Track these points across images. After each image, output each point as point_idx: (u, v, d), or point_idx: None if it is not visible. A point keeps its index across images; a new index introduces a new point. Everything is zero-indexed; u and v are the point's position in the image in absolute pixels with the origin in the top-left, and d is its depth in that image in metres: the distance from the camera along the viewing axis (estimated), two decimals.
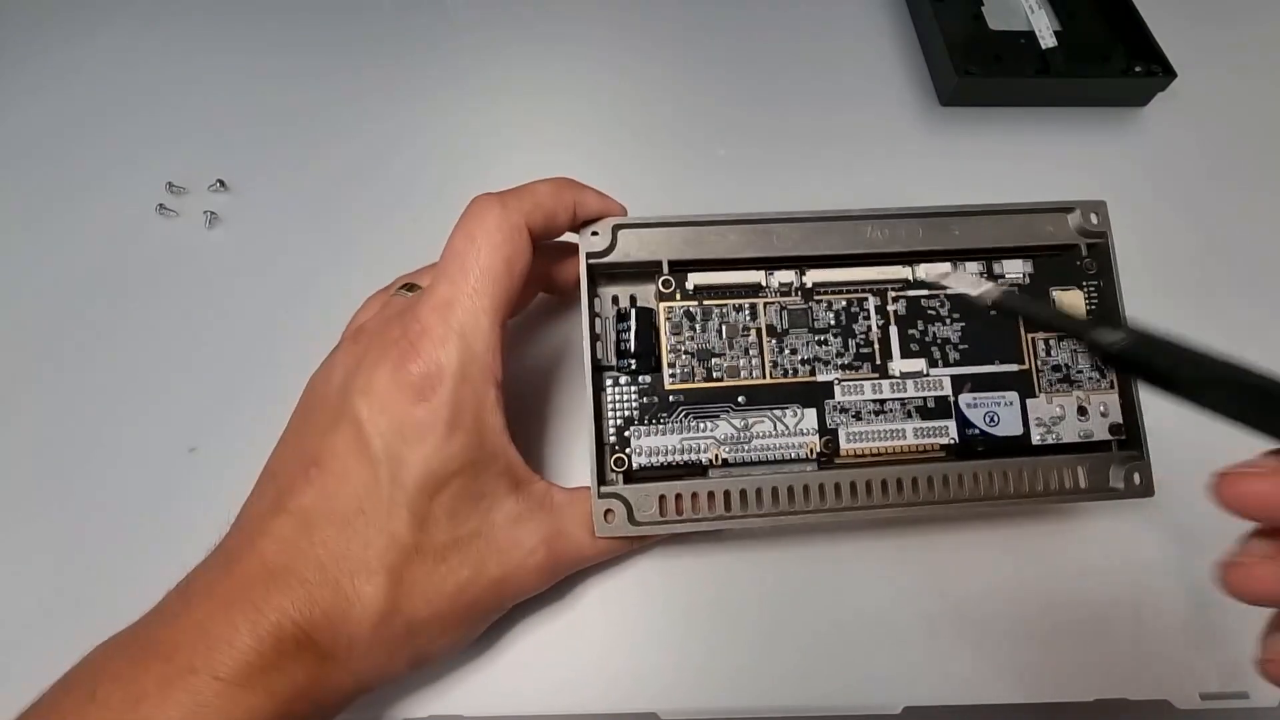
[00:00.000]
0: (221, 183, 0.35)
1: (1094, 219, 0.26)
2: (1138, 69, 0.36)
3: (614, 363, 0.24)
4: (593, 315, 0.24)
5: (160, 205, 0.34)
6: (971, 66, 0.35)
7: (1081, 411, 0.24)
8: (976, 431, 0.24)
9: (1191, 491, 0.26)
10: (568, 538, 0.23)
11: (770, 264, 0.25)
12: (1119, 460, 0.24)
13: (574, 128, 0.37)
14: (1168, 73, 0.35)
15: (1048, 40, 0.37)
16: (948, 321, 0.25)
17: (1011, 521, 0.26)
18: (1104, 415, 0.24)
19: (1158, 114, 0.37)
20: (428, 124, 0.37)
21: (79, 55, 0.41)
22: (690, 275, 0.24)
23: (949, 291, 0.25)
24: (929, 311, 0.25)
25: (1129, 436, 0.24)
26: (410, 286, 0.25)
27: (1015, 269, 0.26)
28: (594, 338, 0.24)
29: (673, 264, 0.24)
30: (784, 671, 0.24)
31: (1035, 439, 0.24)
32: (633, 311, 0.24)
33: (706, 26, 0.41)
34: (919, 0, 0.39)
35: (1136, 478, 0.23)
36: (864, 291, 0.25)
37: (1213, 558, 0.25)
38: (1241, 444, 0.27)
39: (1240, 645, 0.24)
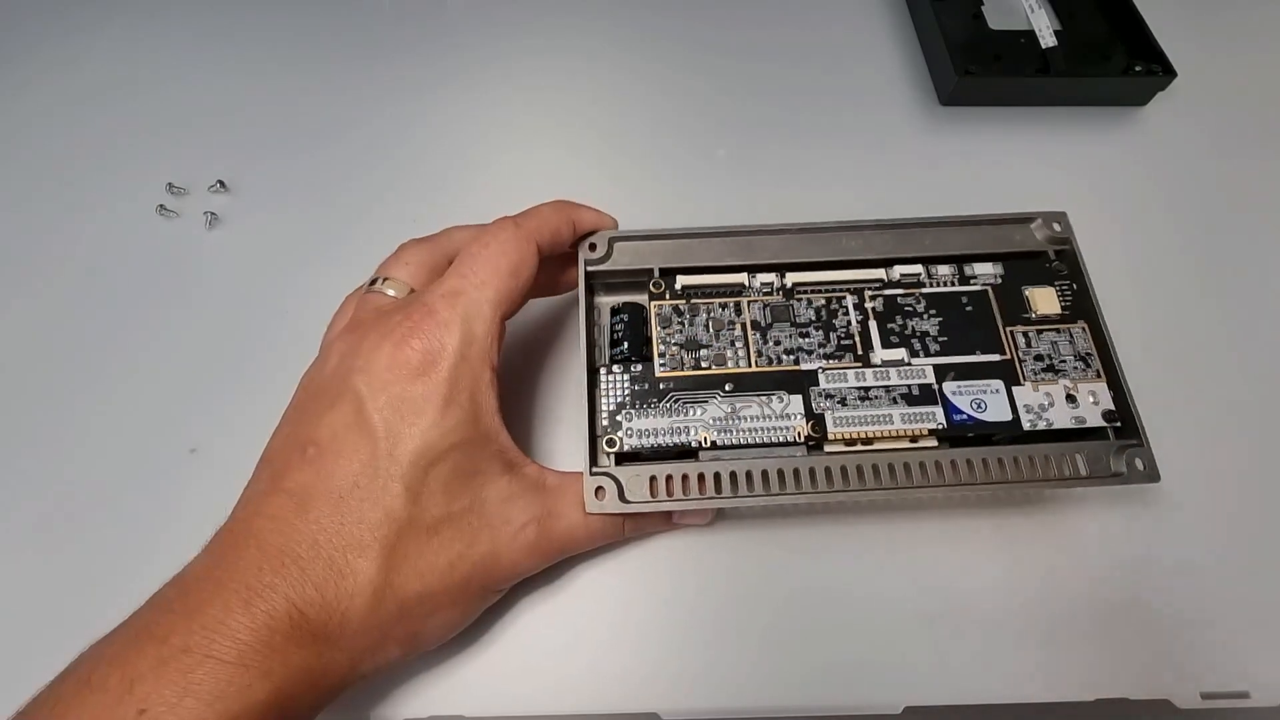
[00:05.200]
0: (221, 184, 0.35)
1: (1056, 228, 0.28)
2: (1138, 68, 0.36)
3: (607, 354, 0.27)
4: (590, 323, 0.26)
5: (160, 206, 0.35)
6: (972, 66, 0.36)
7: (1070, 399, 0.25)
8: (965, 417, 0.25)
9: (1192, 489, 0.27)
10: (559, 517, 0.23)
11: (753, 269, 0.27)
12: (1117, 448, 0.24)
13: (574, 127, 0.38)
14: (1168, 72, 0.36)
15: (1048, 40, 0.37)
16: (925, 317, 0.27)
17: (1011, 520, 0.26)
18: (1095, 403, 0.25)
19: (1158, 113, 0.37)
20: (427, 124, 0.38)
21: (79, 56, 0.41)
22: (679, 277, 0.27)
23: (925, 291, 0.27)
24: (906, 308, 0.27)
25: (1124, 423, 0.25)
26: (377, 281, 0.26)
27: (986, 271, 0.28)
28: (591, 343, 0.26)
29: (663, 270, 0.27)
30: (785, 671, 0.24)
31: (1026, 424, 0.25)
32: (625, 306, 0.27)
33: (707, 26, 0.41)
34: (919, 0, 0.39)
35: (1139, 463, 0.24)
36: (842, 291, 0.27)
37: (1214, 558, 0.25)
38: (1244, 440, 0.27)
39: (1241, 644, 0.24)
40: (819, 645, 0.25)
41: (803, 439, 0.24)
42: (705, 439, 0.24)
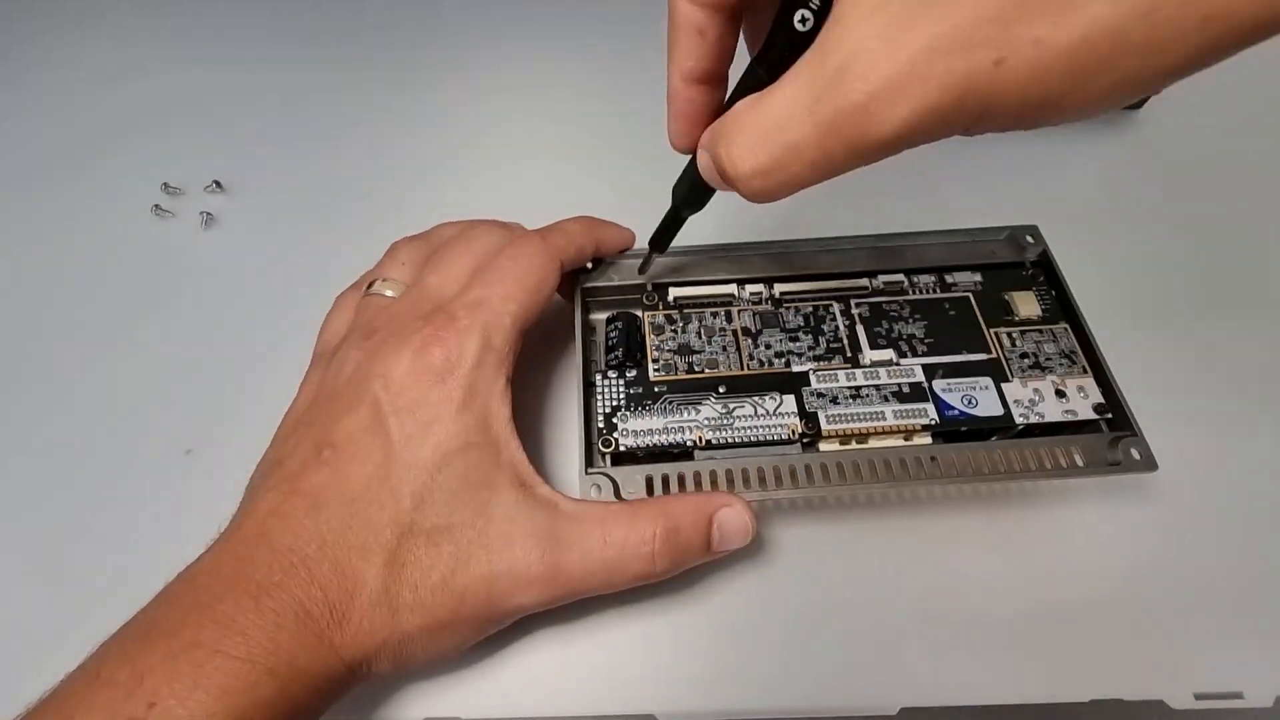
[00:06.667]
0: (217, 184, 0.35)
1: (1030, 239, 0.29)
2: None
3: (602, 360, 0.27)
4: (586, 338, 0.27)
5: (156, 206, 0.35)
6: None
7: (1060, 394, 0.26)
8: (957, 412, 0.25)
9: (1187, 487, 0.27)
10: (570, 548, 0.22)
11: (742, 281, 0.28)
12: (1111, 440, 0.25)
13: (574, 127, 0.38)
14: None
15: None
16: (910, 321, 0.27)
17: (1005, 520, 0.27)
18: (1085, 396, 0.26)
19: (1153, 117, 0.37)
20: (425, 124, 0.38)
21: (73, 55, 0.41)
22: (671, 289, 0.28)
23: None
24: (891, 313, 0.28)
25: (1115, 416, 0.25)
26: (375, 282, 0.26)
27: (966, 279, 0.29)
28: (586, 359, 0.27)
29: (655, 285, 0.29)
30: (781, 672, 0.24)
31: (1017, 418, 0.25)
32: (619, 315, 0.28)
33: None
34: None
35: (1135, 452, 0.24)
36: (828, 299, 0.28)
37: (1208, 557, 0.26)
38: (1239, 439, 0.27)
39: (1236, 645, 0.24)
40: (814, 646, 0.25)
41: (797, 437, 0.25)
42: (700, 438, 0.25)
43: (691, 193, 0.23)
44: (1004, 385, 0.26)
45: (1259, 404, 0.29)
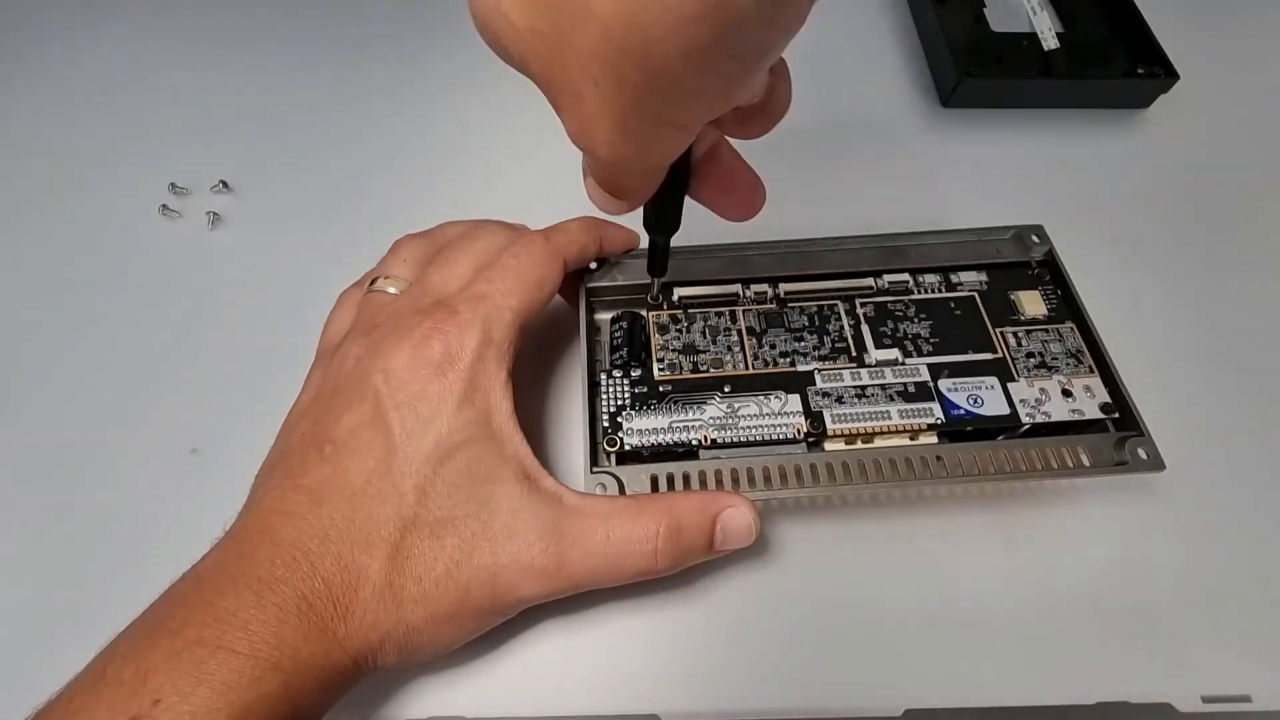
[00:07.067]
0: (224, 184, 0.35)
1: (1035, 239, 0.29)
2: (1140, 71, 0.36)
3: (608, 360, 0.27)
4: (591, 337, 0.27)
5: (163, 206, 0.35)
6: (974, 68, 0.36)
7: (1066, 394, 0.26)
8: (962, 412, 0.25)
9: (1194, 489, 0.27)
10: (575, 542, 0.22)
11: (746, 281, 0.28)
12: (1118, 440, 0.25)
13: None
14: (1170, 75, 0.36)
15: (1050, 42, 0.37)
16: (915, 321, 0.27)
17: (1011, 521, 0.27)
18: (1091, 396, 0.26)
19: (1160, 116, 0.37)
20: (430, 125, 0.38)
21: (83, 56, 0.41)
22: (675, 289, 0.28)
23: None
24: (896, 313, 0.28)
25: (1122, 415, 0.25)
26: (378, 279, 0.26)
27: (971, 279, 0.29)
28: (591, 359, 0.27)
29: (660, 285, 0.28)
30: (784, 673, 0.24)
31: (1024, 417, 0.25)
32: (624, 315, 0.28)
33: None
34: (921, 1, 0.40)
35: (1142, 452, 0.24)
36: (833, 299, 0.28)
37: (1215, 558, 0.26)
38: (1246, 440, 0.27)
39: (1244, 647, 0.24)
40: (819, 647, 0.25)
41: (802, 436, 0.25)
42: (705, 438, 0.25)
43: (653, 218, 0.23)
44: (1010, 385, 0.26)
45: (1266, 403, 0.29)
